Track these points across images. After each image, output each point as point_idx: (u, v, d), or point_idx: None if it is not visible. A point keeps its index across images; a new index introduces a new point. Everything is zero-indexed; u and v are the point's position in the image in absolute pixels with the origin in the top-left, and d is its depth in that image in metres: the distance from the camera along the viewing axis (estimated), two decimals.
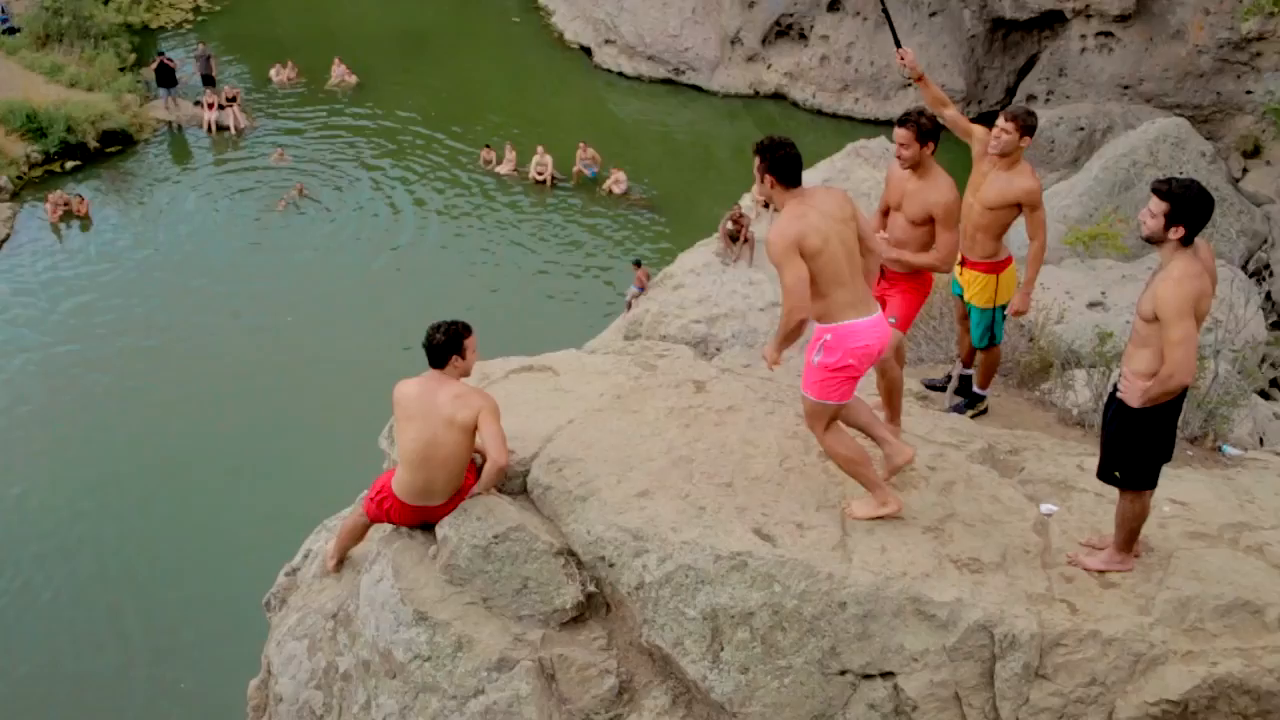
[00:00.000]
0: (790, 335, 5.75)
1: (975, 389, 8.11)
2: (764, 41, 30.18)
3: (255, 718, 7.82)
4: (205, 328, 21.41)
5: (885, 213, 7.09)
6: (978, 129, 7.52)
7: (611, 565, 6.16)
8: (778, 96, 30.10)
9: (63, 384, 20.20)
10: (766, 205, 20.22)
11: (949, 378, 8.39)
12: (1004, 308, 7.62)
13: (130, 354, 20.93)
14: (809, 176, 20.87)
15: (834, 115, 29.26)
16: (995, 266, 7.52)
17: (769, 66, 30.21)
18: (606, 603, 6.35)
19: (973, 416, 7.99)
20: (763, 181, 5.89)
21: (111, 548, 16.82)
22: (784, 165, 5.79)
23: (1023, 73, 28.47)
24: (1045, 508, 6.40)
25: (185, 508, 17.28)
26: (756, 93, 30.19)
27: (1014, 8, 26.89)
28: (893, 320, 6.84)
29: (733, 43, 30.36)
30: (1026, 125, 7.18)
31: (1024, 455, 7.06)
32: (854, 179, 21.04)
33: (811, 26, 29.75)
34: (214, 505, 17.18)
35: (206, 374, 20.18)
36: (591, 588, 6.31)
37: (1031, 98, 27.28)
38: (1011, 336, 8.98)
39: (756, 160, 5.87)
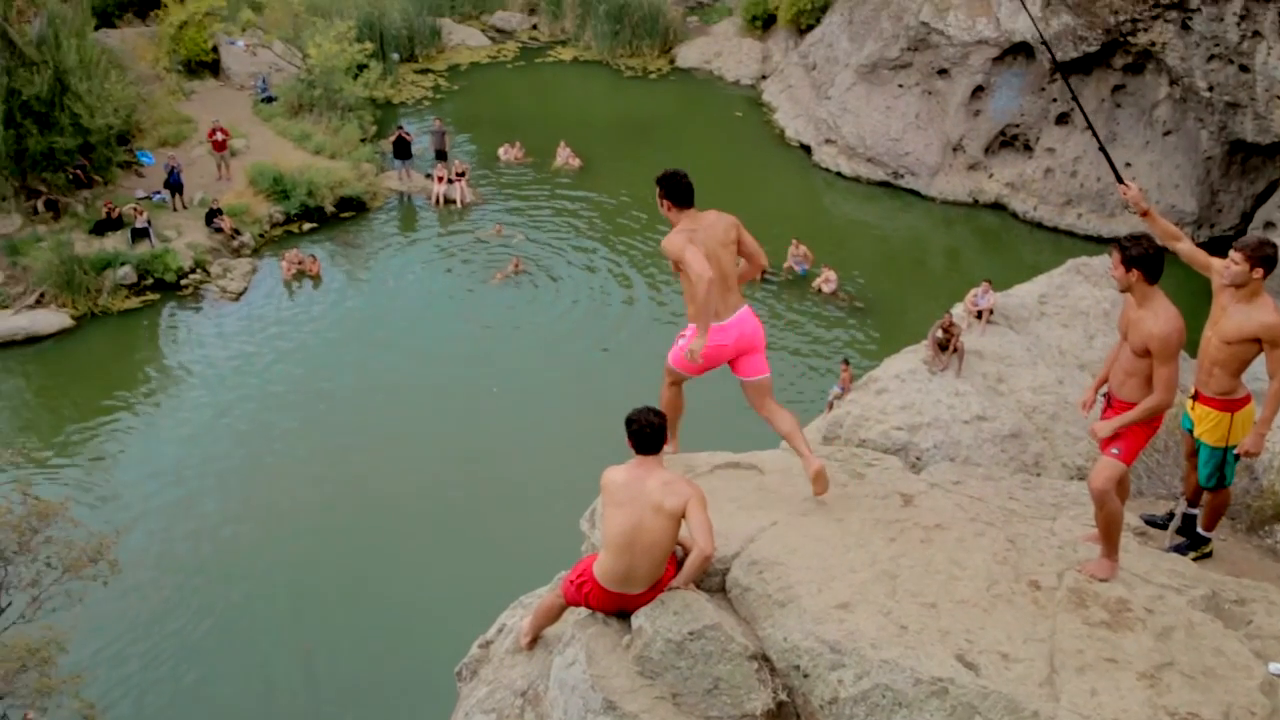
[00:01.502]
0: (704, 306, 6.71)
1: (1199, 530, 7.72)
2: (987, 150, 29.89)
3: None
4: (414, 393, 22.18)
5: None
6: (1216, 261, 7.23)
7: (806, 676, 6.05)
8: (997, 206, 29.68)
9: (272, 438, 21.21)
10: (979, 315, 19.84)
11: (1171, 515, 8.01)
12: (1236, 447, 7.24)
13: (339, 414, 21.88)
14: (1026, 289, 20.51)
15: (1054, 229, 28.65)
16: (1231, 404, 7.17)
17: (990, 175, 29.86)
18: (797, 713, 6.21)
19: (1195, 559, 7.58)
20: (661, 205, 7.04)
21: (310, 601, 17.46)
22: (676, 190, 6.96)
23: (1261, 198, 27.31)
24: (1275, 668, 6.01)
25: (384, 569, 17.83)
26: (975, 201, 29.84)
27: (1256, 131, 25.87)
28: (1115, 452, 6.59)
29: (955, 150, 30.15)
30: (1259, 256, 6.86)
31: (1252, 607, 6.66)
32: (1072, 296, 20.46)
33: (1037, 138, 29.32)
34: (412, 570, 17.67)
35: (412, 438, 20.90)
36: (783, 696, 6.19)
37: (1270, 225, 26.10)
38: (1241, 478, 8.52)
39: (658, 190, 7.02)
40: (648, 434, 6.41)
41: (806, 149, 32.75)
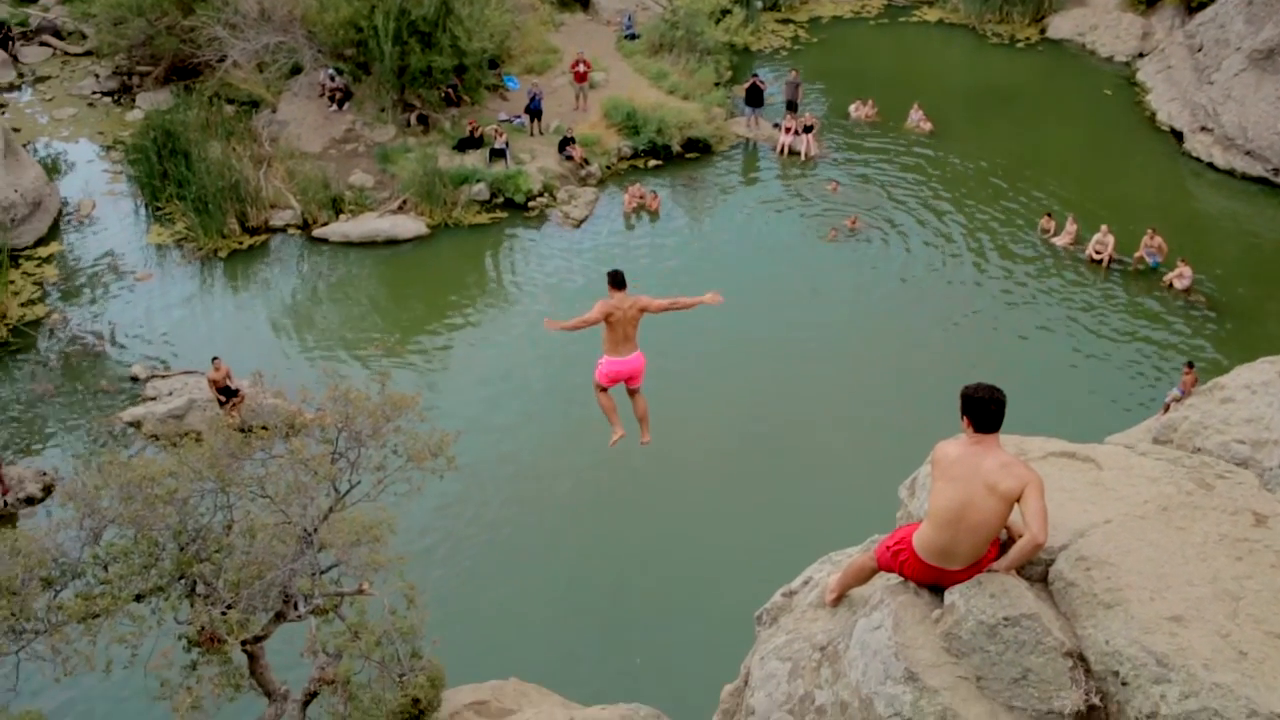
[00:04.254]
0: (579, 327, 11.15)
1: None
2: None
3: None
4: (738, 341, 22.26)
5: None
6: None
7: (1125, 684, 5.75)
8: None
9: (591, 366, 21.80)
10: None
11: None
12: None
13: (661, 352, 22.04)
14: None
15: None
16: None
17: None
18: (1107, 719, 5.95)
19: None
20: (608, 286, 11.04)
21: (624, 523, 18.13)
22: (616, 281, 11.10)
23: None
24: None
25: (695, 510, 18.25)
26: None
27: None
28: None
29: None
30: None
31: None
32: None
33: None
34: (723, 515, 18.02)
35: (731, 385, 21.19)
36: (1095, 699, 5.92)
37: None
38: None
39: (607, 280, 11.17)
40: (990, 411, 6.16)
41: (1178, 135, 30.63)
